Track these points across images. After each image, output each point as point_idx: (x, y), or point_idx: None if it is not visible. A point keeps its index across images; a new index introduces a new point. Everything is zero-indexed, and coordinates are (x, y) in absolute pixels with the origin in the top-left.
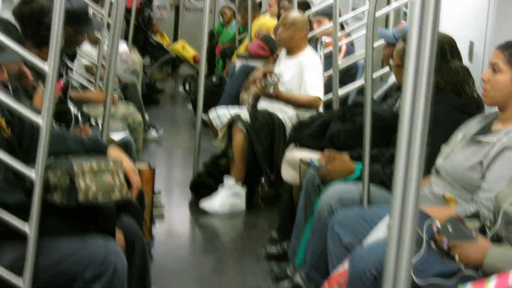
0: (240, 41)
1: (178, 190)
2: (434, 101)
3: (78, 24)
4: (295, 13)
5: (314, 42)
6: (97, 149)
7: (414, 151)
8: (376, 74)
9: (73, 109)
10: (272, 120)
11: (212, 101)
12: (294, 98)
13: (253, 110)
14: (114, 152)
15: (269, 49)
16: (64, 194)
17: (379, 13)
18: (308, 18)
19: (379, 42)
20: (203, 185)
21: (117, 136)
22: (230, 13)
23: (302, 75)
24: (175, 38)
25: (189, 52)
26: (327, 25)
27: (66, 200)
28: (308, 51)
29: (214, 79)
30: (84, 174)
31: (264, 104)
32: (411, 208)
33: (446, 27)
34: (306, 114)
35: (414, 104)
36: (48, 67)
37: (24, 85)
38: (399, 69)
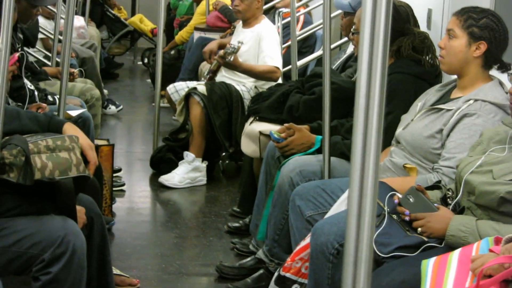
0: None
1: (138, 166)
2: (393, 69)
3: None
4: None
5: (272, 13)
6: (53, 126)
7: (372, 119)
8: (334, 44)
9: (29, 85)
10: (229, 92)
11: (170, 74)
12: (252, 68)
13: (210, 82)
14: (70, 129)
15: (228, 21)
16: (20, 172)
17: None
18: None
19: (337, 12)
20: (163, 160)
21: (74, 112)
22: None
23: (259, 45)
24: (133, 12)
25: (147, 25)
26: None
27: (22, 179)
28: (265, 21)
29: (172, 52)
30: (40, 152)
31: (221, 77)
32: (370, 180)
33: None
34: (265, 86)
35: (371, 71)
36: (0, 43)
37: None
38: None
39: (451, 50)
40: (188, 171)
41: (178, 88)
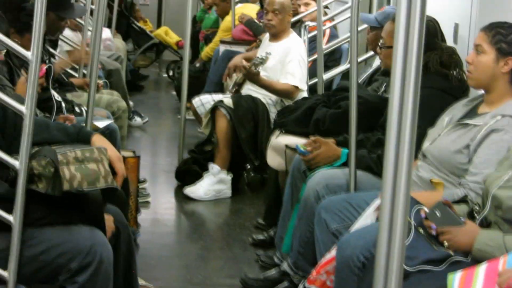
0: None
1: (163, 177)
2: (421, 84)
3: (61, 9)
4: None
5: (298, 26)
6: (81, 137)
7: (405, 134)
8: (360, 58)
9: (56, 96)
10: (255, 105)
11: (196, 86)
12: (271, 85)
13: (236, 95)
14: (99, 140)
15: (253, 34)
16: (49, 183)
17: None
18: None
19: (363, 26)
20: (189, 172)
21: (101, 124)
22: None
23: (285, 61)
24: (159, 24)
25: (172, 38)
26: (315, 7)
27: (50, 189)
28: (293, 35)
29: (197, 64)
30: (69, 163)
31: (247, 90)
32: (402, 194)
33: (431, 10)
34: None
35: (404, 86)
36: (31, 55)
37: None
38: (390, 50)
39: (479, 65)
40: (213, 183)
41: (204, 101)
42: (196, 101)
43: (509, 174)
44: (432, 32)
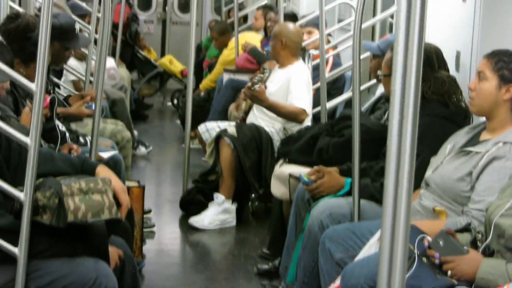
0: None
1: (168, 207)
2: (421, 112)
3: (65, 40)
4: (280, 26)
5: (302, 54)
6: (86, 168)
7: (404, 162)
8: (363, 86)
9: (60, 126)
10: (259, 134)
11: (200, 115)
12: (278, 106)
13: (240, 124)
14: (103, 171)
15: (257, 62)
16: (53, 214)
17: (365, 25)
18: None
19: (366, 54)
20: (193, 202)
21: (106, 154)
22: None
23: (288, 86)
24: (163, 53)
25: (176, 66)
26: (317, 35)
27: (55, 221)
28: (298, 63)
29: (201, 93)
30: (73, 194)
31: (252, 116)
32: (402, 223)
33: (433, 38)
34: (294, 128)
35: (403, 113)
36: (35, 86)
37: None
38: (388, 79)
39: (481, 92)
40: (218, 213)
41: (209, 128)
42: (201, 127)
43: (510, 202)
44: (424, 62)
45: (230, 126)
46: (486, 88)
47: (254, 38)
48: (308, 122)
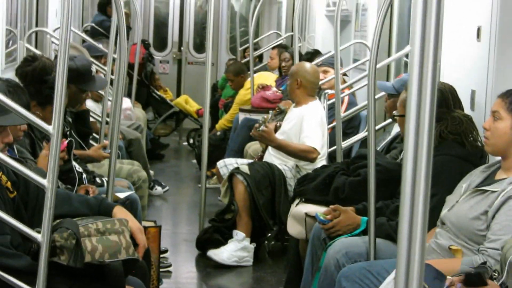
0: None
1: (184, 247)
2: (438, 151)
3: (82, 82)
4: (300, 65)
5: (318, 93)
6: (103, 209)
7: (418, 202)
8: (379, 126)
9: (77, 167)
10: (271, 171)
11: (216, 155)
12: (287, 145)
13: (252, 162)
14: (120, 212)
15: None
16: (71, 255)
17: (380, 64)
18: None
19: (381, 94)
20: (211, 241)
21: (122, 195)
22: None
23: (301, 125)
24: (178, 93)
25: (192, 106)
26: (333, 74)
27: (72, 262)
28: (314, 103)
29: (218, 133)
30: (90, 235)
31: (268, 155)
32: (417, 262)
33: (448, 77)
34: (307, 166)
35: (417, 153)
36: (52, 128)
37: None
38: (403, 118)
39: (496, 132)
40: (237, 249)
41: (227, 163)
42: (220, 163)
43: None
44: (441, 102)
45: (242, 164)
46: (501, 128)
47: (269, 78)
48: (323, 161)
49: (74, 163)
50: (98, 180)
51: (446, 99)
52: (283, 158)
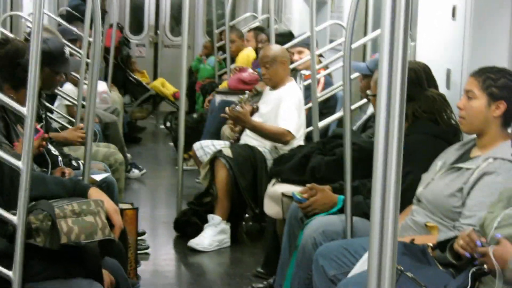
0: (220, 76)
1: (162, 229)
2: (412, 130)
3: (55, 64)
4: (274, 48)
5: (294, 74)
6: (78, 190)
7: (390, 180)
8: (355, 105)
9: (53, 150)
10: (253, 153)
11: (193, 137)
12: (262, 127)
13: (234, 144)
14: (96, 193)
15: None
16: (47, 237)
17: (355, 44)
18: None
19: (357, 74)
20: (189, 223)
21: (98, 177)
22: (211, 47)
23: (278, 108)
24: (155, 76)
25: (169, 89)
26: (308, 55)
27: (48, 243)
28: (290, 84)
29: (194, 115)
30: (66, 216)
31: (245, 136)
32: (390, 239)
33: (423, 56)
34: (285, 147)
35: (388, 132)
36: (26, 110)
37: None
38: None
39: (471, 111)
40: (216, 234)
41: (204, 145)
42: (196, 145)
43: (502, 214)
44: (414, 81)
45: (224, 147)
46: (476, 107)
47: (253, 54)
48: (300, 141)
49: (50, 146)
50: (74, 163)
51: (420, 78)
52: (261, 140)
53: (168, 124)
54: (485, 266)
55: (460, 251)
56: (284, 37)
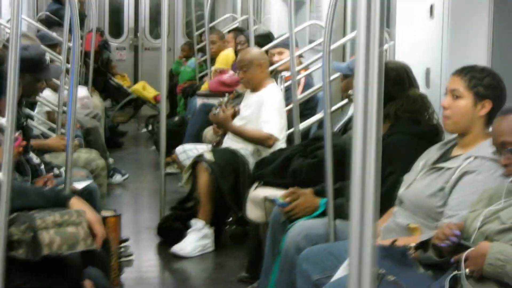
0: (201, 78)
1: (146, 235)
2: (393, 130)
3: (36, 71)
4: (251, 51)
5: (274, 76)
6: (59, 200)
7: (369, 183)
8: (335, 106)
9: (35, 159)
10: (235, 157)
11: (175, 140)
12: (243, 131)
13: (216, 148)
14: (77, 203)
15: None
16: (29, 248)
17: (335, 45)
18: (266, 51)
19: (337, 74)
20: (171, 229)
21: (80, 185)
22: (188, 49)
23: (259, 110)
24: (136, 79)
25: (150, 92)
26: (288, 56)
27: (30, 255)
28: (271, 86)
29: (176, 118)
30: (48, 227)
31: (226, 142)
32: (369, 243)
33: (403, 56)
34: (269, 150)
35: (366, 135)
36: (5, 121)
37: None
38: None
39: (457, 110)
40: (199, 239)
41: (186, 149)
42: (179, 149)
43: (485, 211)
44: (393, 80)
45: (207, 151)
46: (463, 106)
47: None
48: (282, 144)
49: (31, 154)
50: (56, 170)
51: (401, 78)
52: (243, 143)
53: (150, 127)
54: (467, 270)
55: (437, 242)
56: (265, 38)
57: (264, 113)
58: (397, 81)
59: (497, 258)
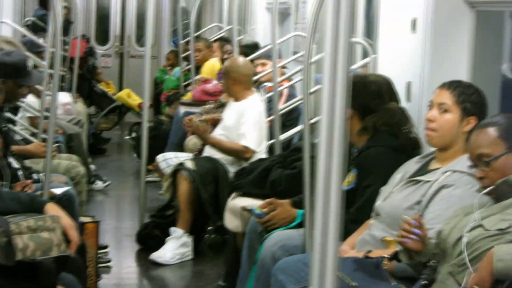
0: (185, 87)
1: (126, 242)
2: (372, 143)
3: (18, 77)
4: (233, 62)
5: (257, 86)
6: (35, 206)
7: (332, 189)
8: (316, 118)
9: (14, 163)
10: (215, 166)
11: (155, 146)
12: (220, 143)
13: (197, 157)
14: (52, 209)
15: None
16: (2, 253)
17: (315, 58)
18: (252, 61)
19: (319, 86)
20: (151, 236)
21: (59, 190)
22: (173, 58)
23: (240, 121)
24: (120, 86)
25: (135, 100)
26: (271, 68)
27: (3, 259)
28: (252, 97)
29: (150, 124)
30: (22, 233)
31: (207, 150)
32: (331, 253)
33: (384, 69)
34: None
35: (331, 146)
36: None
37: None
38: None
39: (445, 124)
40: (178, 247)
41: (167, 157)
42: (159, 157)
43: (460, 224)
44: (373, 93)
45: (187, 159)
46: (450, 121)
47: (219, 65)
48: (262, 154)
49: (10, 159)
50: (35, 175)
51: (381, 91)
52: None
53: (133, 135)
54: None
55: (401, 240)
56: (251, 48)
57: (242, 126)
58: (377, 95)
59: (506, 252)
